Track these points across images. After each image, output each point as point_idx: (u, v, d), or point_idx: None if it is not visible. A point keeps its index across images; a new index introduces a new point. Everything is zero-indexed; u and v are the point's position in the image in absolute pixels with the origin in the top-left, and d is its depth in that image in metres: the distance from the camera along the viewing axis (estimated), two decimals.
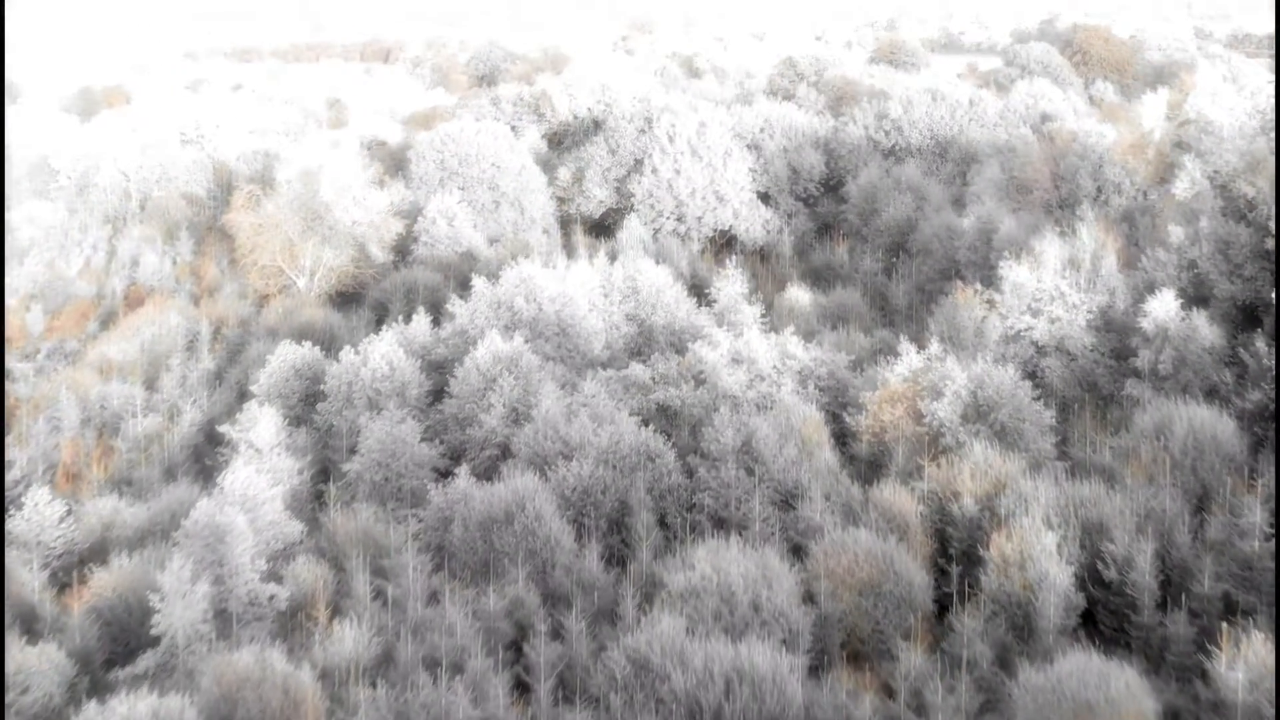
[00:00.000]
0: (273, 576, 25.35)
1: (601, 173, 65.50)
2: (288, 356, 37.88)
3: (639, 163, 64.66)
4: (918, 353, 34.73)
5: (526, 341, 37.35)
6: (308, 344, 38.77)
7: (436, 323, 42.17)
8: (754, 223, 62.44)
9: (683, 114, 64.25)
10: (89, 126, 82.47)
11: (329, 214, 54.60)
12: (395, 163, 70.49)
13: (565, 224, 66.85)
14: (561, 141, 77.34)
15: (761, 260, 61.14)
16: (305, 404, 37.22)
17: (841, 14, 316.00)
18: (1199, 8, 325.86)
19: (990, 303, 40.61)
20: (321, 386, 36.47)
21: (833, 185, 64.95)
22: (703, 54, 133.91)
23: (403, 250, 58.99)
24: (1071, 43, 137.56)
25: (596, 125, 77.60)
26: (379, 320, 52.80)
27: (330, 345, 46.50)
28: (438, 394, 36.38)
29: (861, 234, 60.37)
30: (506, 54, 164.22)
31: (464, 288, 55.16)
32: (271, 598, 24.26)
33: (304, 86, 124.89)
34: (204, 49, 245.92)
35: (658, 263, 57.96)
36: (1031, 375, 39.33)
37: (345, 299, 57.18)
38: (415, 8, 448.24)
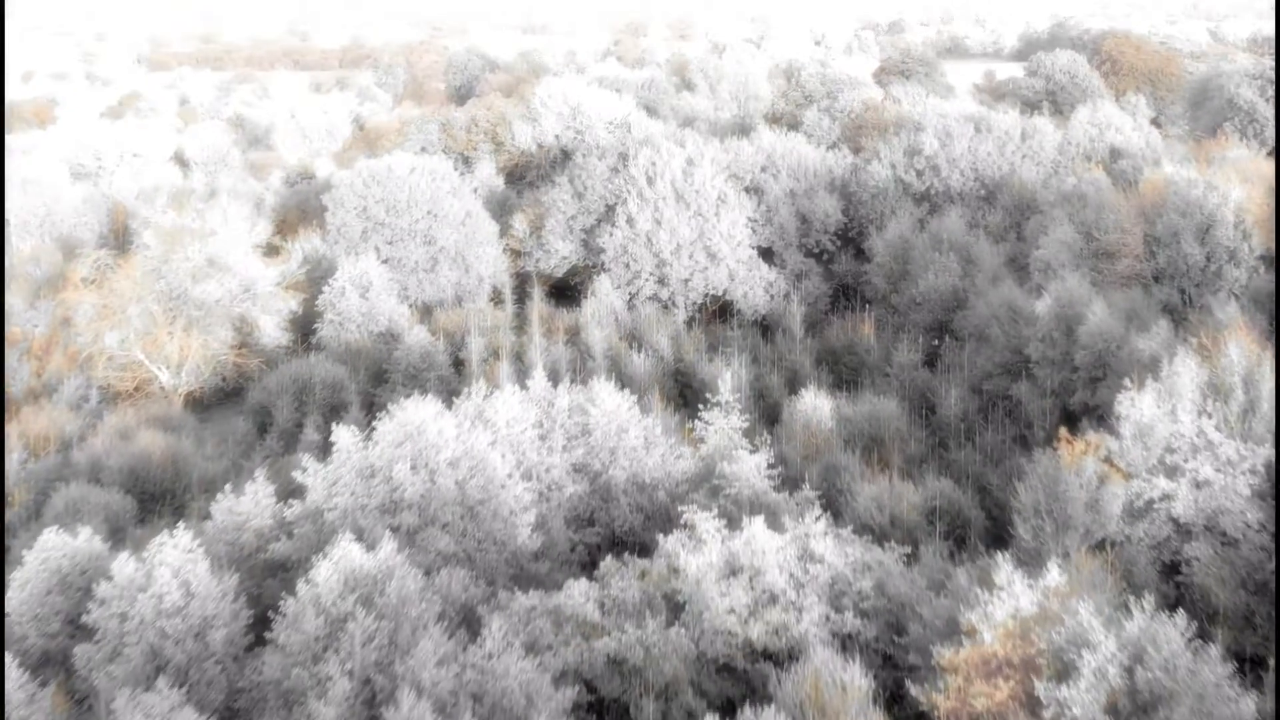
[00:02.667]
0: None
1: (565, 222, 52.03)
2: (50, 557, 24.41)
3: (611, 209, 51.23)
4: (1023, 576, 21.27)
5: (408, 540, 24.00)
6: (86, 531, 25.20)
7: (328, 448, 28.24)
8: (754, 286, 49.01)
9: (665, 148, 50.78)
10: None
11: (200, 287, 41.13)
12: (317, 207, 57.08)
13: (522, 283, 53.41)
14: (524, 175, 63.82)
15: (764, 335, 47.72)
16: (70, 636, 23.76)
17: (840, 15, 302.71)
18: (1204, 7, 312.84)
19: (1108, 459, 27.15)
20: (87, 615, 22.95)
21: (852, 238, 51.50)
22: (695, 63, 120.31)
23: (311, 326, 45.60)
24: (1099, 50, 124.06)
25: (566, 155, 64.13)
26: (261, 430, 39.48)
27: (164, 497, 33.04)
28: (267, 623, 22.80)
29: (890, 302, 46.87)
30: (486, 62, 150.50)
31: (378, 383, 41.89)
32: None
33: (249, 102, 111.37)
34: (172, 53, 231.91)
35: (631, 344, 44.77)
36: (1172, 569, 26.24)
37: (226, 397, 43.74)
38: (406, 11, 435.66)
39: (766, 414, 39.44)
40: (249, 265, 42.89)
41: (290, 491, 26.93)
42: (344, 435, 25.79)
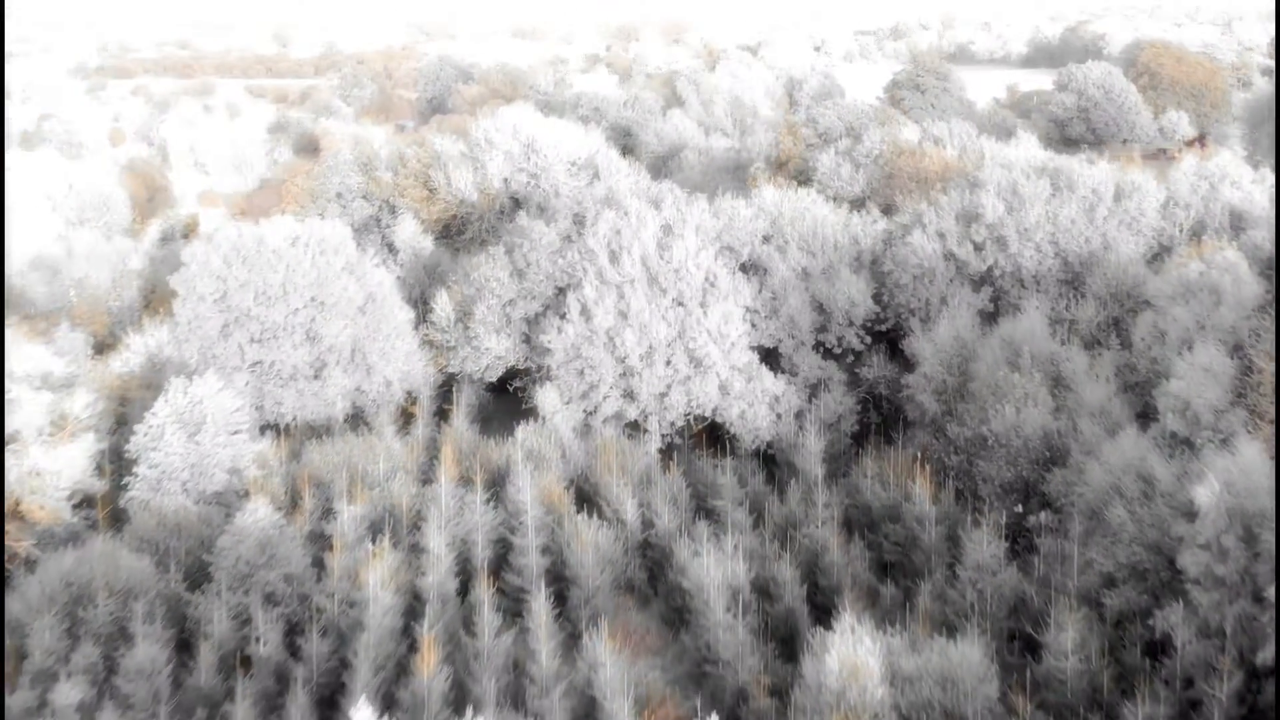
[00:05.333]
0: None
1: (500, 309, 38.20)
2: None
3: (562, 293, 37.46)
4: None
5: None
6: None
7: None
8: (755, 403, 35.24)
9: (636, 211, 37.05)
10: None
11: None
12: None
13: (447, 389, 39.65)
14: (463, 230, 49.89)
15: (769, 478, 33.91)
16: None
17: (839, 20, 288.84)
18: (1207, 11, 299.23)
19: None
20: None
21: (887, 333, 37.73)
22: (686, 76, 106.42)
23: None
24: (1134, 62, 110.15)
25: (517, 204, 50.30)
26: (18, 659, 25.68)
27: None
28: None
29: (945, 430, 32.92)
30: (459, 71, 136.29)
31: (198, 583, 28.03)
32: None
33: (191, 120, 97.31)
34: (139, 59, 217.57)
35: (581, 500, 31.01)
36: None
37: None
38: (396, 15, 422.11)
39: (780, 647, 25.79)
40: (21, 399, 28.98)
41: None
42: None
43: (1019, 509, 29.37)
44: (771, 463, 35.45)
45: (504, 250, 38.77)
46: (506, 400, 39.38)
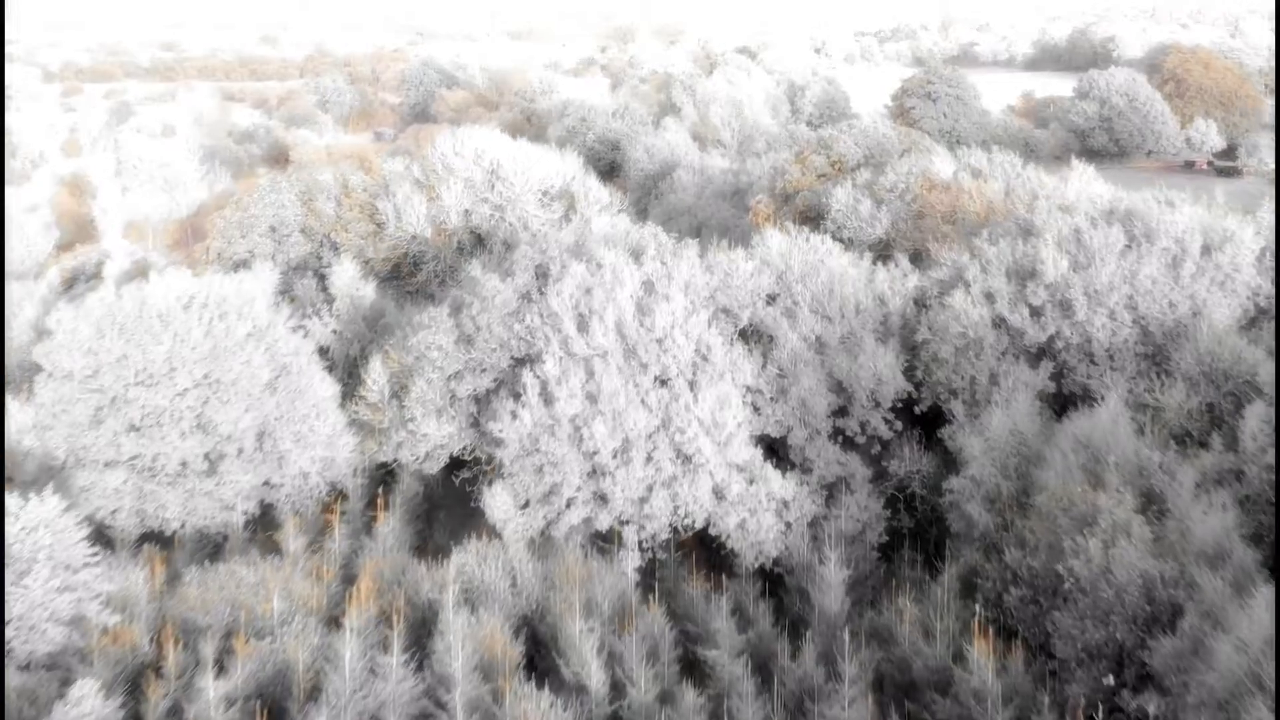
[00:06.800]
0: None
1: (443, 384, 30.68)
2: None
3: (520, 366, 29.97)
4: None
5: None
6: None
7: None
8: (758, 512, 27.76)
9: (611, 264, 29.63)
10: None
11: None
12: None
13: (388, 474, 32.24)
14: (414, 272, 42.35)
15: (776, 611, 26.46)
16: None
17: (839, 21, 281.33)
18: (1209, 13, 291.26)
19: None
20: None
21: (922, 416, 30.25)
22: (680, 82, 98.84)
23: None
24: (1159, 68, 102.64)
25: (480, 242, 42.89)
26: None
27: None
28: None
29: (1000, 553, 25.47)
30: (443, 76, 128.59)
31: None
32: None
33: (150, 129, 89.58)
34: (121, 62, 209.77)
35: (531, 665, 23.55)
36: None
37: None
38: (390, 15, 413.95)
39: None
40: None
41: None
42: None
43: (1109, 679, 21.92)
44: (779, 585, 27.98)
45: (449, 310, 31.25)
46: (448, 503, 31.94)
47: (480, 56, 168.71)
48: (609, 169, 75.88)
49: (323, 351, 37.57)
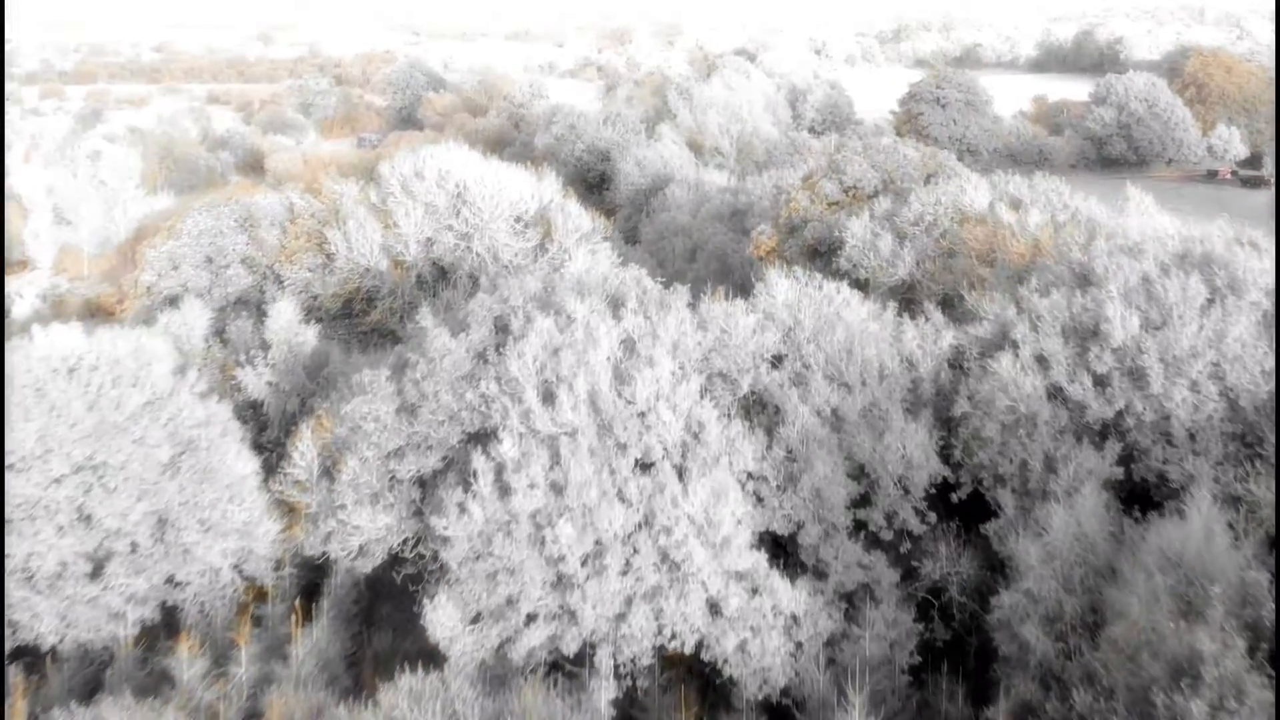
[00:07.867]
0: None
1: (380, 464, 25.24)
2: None
3: (473, 442, 24.51)
4: None
5: None
6: None
7: None
8: (762, 631, 22.33)
9: (583, 319, 24.25)
10: None
11: None
12: None
13: (314, 577, 26.85)
14: (368, 310, 36.90)
15: None
16: None
17: (838, 21, 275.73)
18: (1210, 13, 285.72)
19: None
20: None
21: (961, 506, 24.82)
22: (676, 86, 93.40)
23: None
24: (1179, 72, 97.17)
25: (443, 274, 37.46)
26: None
27: None
28: None
29: (1062, 684, 20.13)
30: (431, 79, 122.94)
31: None
32: None
33: (114, 136, 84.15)
34: (105, 63, 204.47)
35: None
36: None
37: None
38: (386, 16, 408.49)
39: None
40: None
41: None
42: None
43: None
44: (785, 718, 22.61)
45: (389, 372, 25.83)
46: (381, 600, 26.58)
47: (474, 58, 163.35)
48: (599, 180, 70.54)
49: (256, 407, 32.23)
